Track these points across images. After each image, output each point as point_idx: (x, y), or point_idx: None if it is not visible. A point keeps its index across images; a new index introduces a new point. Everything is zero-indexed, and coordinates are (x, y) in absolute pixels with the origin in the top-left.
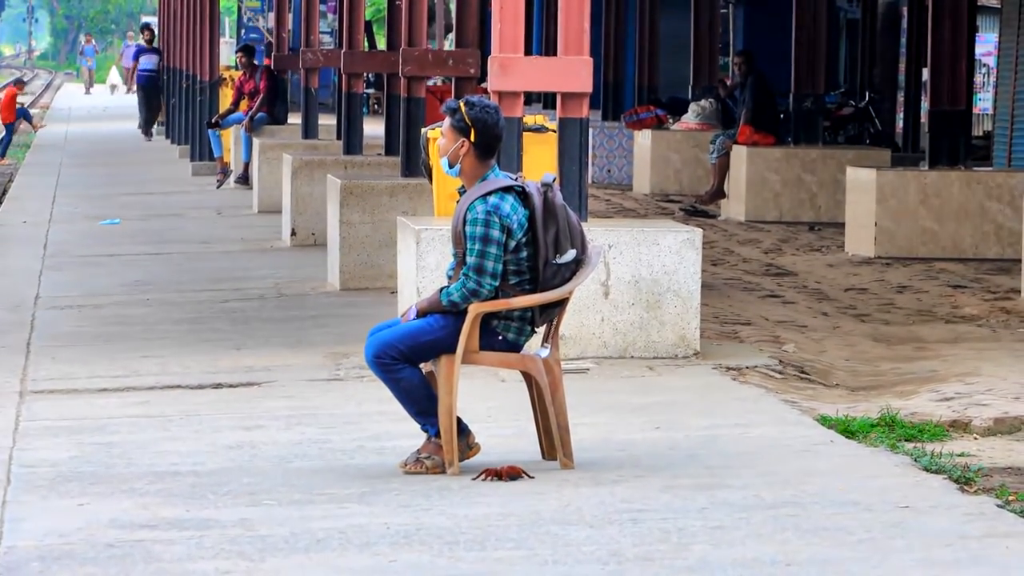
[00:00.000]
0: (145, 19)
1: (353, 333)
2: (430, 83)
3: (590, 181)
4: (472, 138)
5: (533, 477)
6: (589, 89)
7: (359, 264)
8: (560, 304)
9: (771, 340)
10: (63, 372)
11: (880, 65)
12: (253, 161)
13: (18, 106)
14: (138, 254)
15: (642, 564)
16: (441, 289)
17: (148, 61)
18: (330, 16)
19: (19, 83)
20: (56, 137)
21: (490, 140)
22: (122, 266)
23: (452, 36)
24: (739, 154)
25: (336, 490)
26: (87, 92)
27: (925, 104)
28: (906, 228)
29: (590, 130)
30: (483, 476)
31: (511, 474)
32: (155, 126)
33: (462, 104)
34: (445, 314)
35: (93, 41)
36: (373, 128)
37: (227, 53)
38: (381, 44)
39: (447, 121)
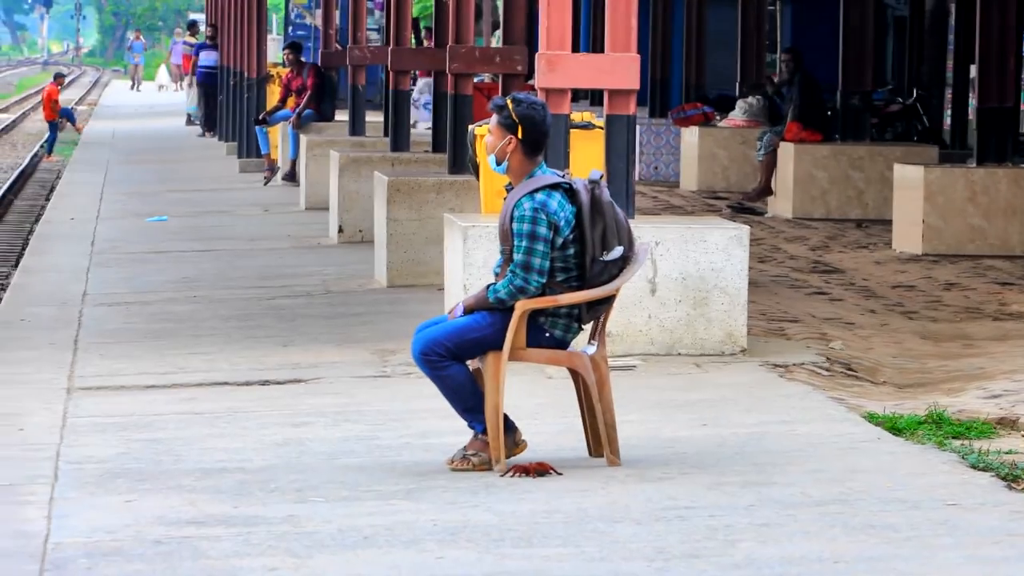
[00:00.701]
0: (192, 16)
1: (400, 330)
2: (477, 80)
3: (637, 178)
4: (519, 135)
5: (561, 474)
6: (636, 86)
7: (406, 261)
8: (607, 301)
9: (818, 337)
10: (110, 368)
11: (928, 62)
12: (300, 158)
13: (63, 107)
14: (186, 251)
15: (689, 561)
16: (488, 286)
17: (209, 58)
18: (377, 13)
19: (59, 78)
20: (103, 134)
21: (537, 137)
22: (170, 263)
23: (499, 33)
24: (786, 151)
25: (383, 487)
26: (136, 89)
27: (973, 101)
28: (954, 225)
29: (637, 127)
30: (511, 473)
31: (539, 470)
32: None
33: (509, 101)
34: (492, 311)
35: (142, 37)
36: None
37: (274, 50)
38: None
39: (494, 118)
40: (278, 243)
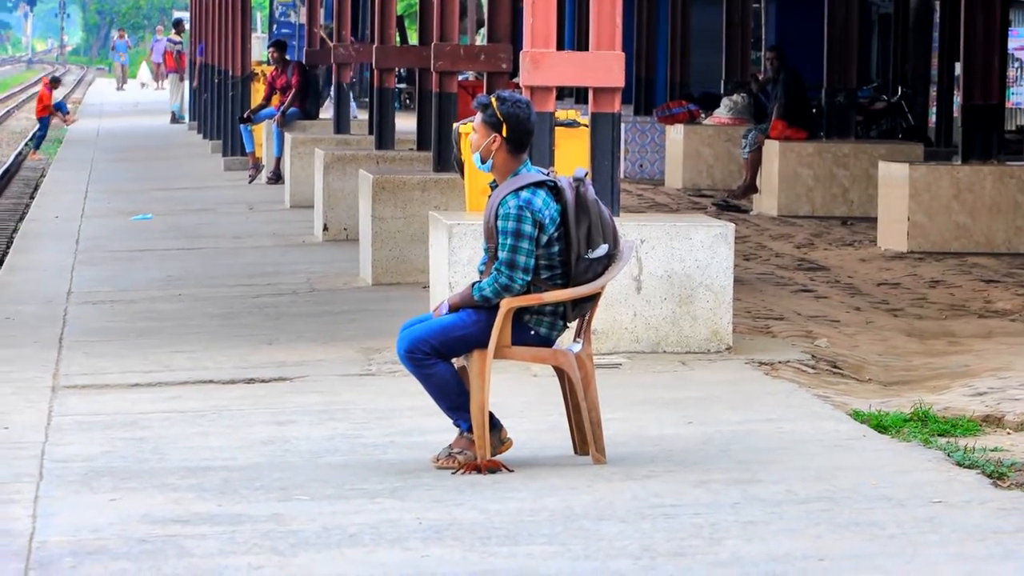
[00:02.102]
0: (177, 14)
1: (385, 328)
2: (462, 78)
3: (622, 176)
4: (504, 133)
5: (512, 471)
6: (621, 84)
7: (391, 259)
8: (592, 299)
9: (803, 335)
10: (95, 367)
11: (912, 60)
12: (285, 156)
13: (55, 101)
14: (170, 249)
15: (675, 559)
16: (473, 284)
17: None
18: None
19: (55, 82)
20: (88, 132)
21: (522, 135)
22: (154, 261)
23: (484, 31)
24: (771, 149)
25: (368, 485)
26: (120, 88)
27: (958, 98)
28: (939, 223)
29: (622, 125)
30: (462, 470)
31: (490, 467)
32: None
33: (493, 99)
34: (477, 309)
35: (126, 36)
36: (405, 123)
37: (259, 48)
38: (413, 39)
39: (479, 116)
40: (263, 241)
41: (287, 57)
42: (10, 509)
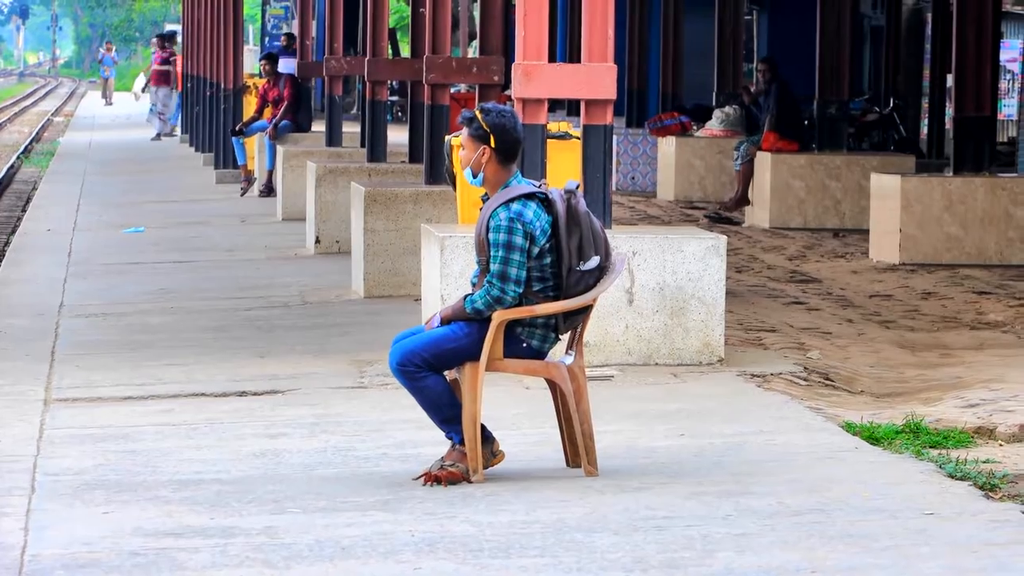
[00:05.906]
0: (169, 27)
1: (377, 341)
2: (454, 90)
3: (614, 188)
4: (492, 144)
5: (471, 481)
6: (613, 96)
7: (383, 272)
8: (584, 311)
9: (796, 347)
10: (87, 380)
11: (904, 71)
12: (277, 169)
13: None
14: (162, 262)
15: (667, 571)
16: (465, 296)
17: (288, 66)
18: None
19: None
20: (80, 145)
21: (510, 144)
22: (146, 274)
23: (476, 43)
24: (763, 161)
25: (361, 498)
26: (108, 103)
27: (950, 110)
28: (931, 234)
29: (614, 137)
30: (423, 481)
31: (451, 479)
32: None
33: (478, 112)
34: (469, 321)
35: (113, 50)
36: (397, 136)
37: (251, 61)
38: (405, 51)
39: (465, 132)
40: (255, 254)
41: (279, 69)
42: (2, 522)
